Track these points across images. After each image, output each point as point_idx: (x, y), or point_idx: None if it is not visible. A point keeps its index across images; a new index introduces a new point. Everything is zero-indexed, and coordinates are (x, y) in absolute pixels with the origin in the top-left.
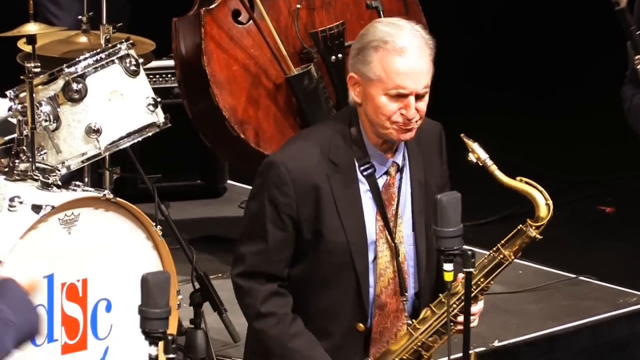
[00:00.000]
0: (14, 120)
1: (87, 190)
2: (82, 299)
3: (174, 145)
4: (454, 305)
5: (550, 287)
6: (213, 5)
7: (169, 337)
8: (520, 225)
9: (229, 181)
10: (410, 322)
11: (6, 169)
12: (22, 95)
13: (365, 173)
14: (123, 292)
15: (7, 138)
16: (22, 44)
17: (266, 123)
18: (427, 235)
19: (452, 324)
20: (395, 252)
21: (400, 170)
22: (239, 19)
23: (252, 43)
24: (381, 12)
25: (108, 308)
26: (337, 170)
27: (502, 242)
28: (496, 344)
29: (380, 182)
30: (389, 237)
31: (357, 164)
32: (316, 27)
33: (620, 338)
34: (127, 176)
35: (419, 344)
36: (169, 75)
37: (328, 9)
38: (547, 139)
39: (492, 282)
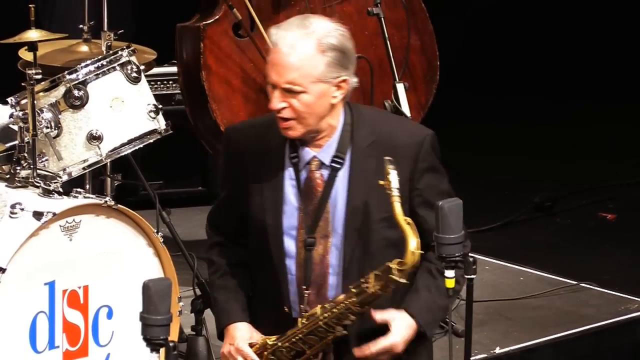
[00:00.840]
0: (16, 127)
1: (88, 197)
2: (83, 305)
3: (175, 152)
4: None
5: (551, 294)
6: (213, 20)
7: (170, 344)
8: (389, 264)
9: None
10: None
11: (7, 176)
12: (23, 102)
13: (293, 161)
14: (124, 298)
15: (8, 145)
16: (23, 52)
17: None
18: (364, 239)
19: (330, 333)
20: (306, 246)
21: (333, 169)
22: (240, 32)
23: (253, 56)
24: (382, 19)
25: (109, 315)
26: (269, 151)
27: (374, 273)
28: (497, 350)
29: (303, 174)
30: (304, 230)
31: (287, 151)
32: None
33: (621, 345)
34: (129, 183)
35: (300, 336)
36: (171, 82)
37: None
38: (548, 146)
39: (365, 309)
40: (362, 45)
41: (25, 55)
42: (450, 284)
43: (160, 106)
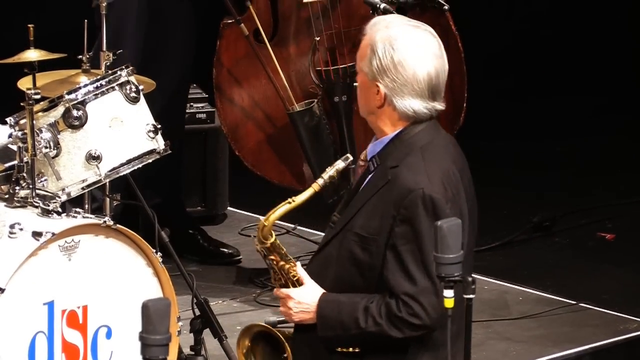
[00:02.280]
0: (14, 147)
1: (87, 217)
2: (82, 325)
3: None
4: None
5: (550, 313)
6: (231, 20)
7: None
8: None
9: (229, 208)
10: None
11: (6, 196)
12: (22, 122)
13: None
14: (123, 318)
15: (7, 165)
16: (22, 83)
17: (265, 146)
18: (339, 242)
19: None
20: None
21: (368, 167)
22: (259, 37)
23: (267, 62)
24: None
25: (108, 335)
26: None
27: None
28: None
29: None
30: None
31: None
32: (329, 65)
33: None
34: (128, 203)
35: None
36: None
37: (343, 49)
38: (548, 164)
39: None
40: None
41: (24, 83)
42: (449, 303)
43: (159, 126)
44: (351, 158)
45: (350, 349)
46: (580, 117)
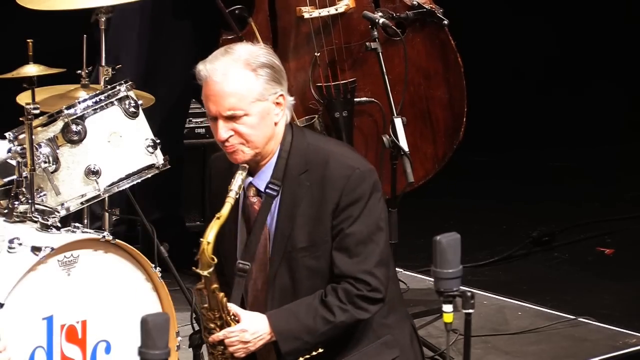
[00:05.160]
0: (14, 162)
1: (86, 232)
2: (81, 340)
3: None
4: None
5: (549, 328)
6: (233, 36)
7: None
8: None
9: None
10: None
11: (5, 211)
12: (21, 136)
13: (244, 186)
14: (122, 333)
15: (6, 180)
16: (21, 98)
17: None
18: (289, 267)
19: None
20: (237, 271)
21: (268, 195)
22: None
23: None
24: (380, 54)
25: (107, 349)
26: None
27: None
28: None
29: (246, 200)
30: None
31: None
32: (330, 80)
33: None
34: (126, 217)
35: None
36: None
37: (343, 65)
38: (545, 180)
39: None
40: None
41: (23, 98)
42: (448, 318)
43: (158, 141)
44: (247, 167)
45: (314, 353)
46: (580, 131)
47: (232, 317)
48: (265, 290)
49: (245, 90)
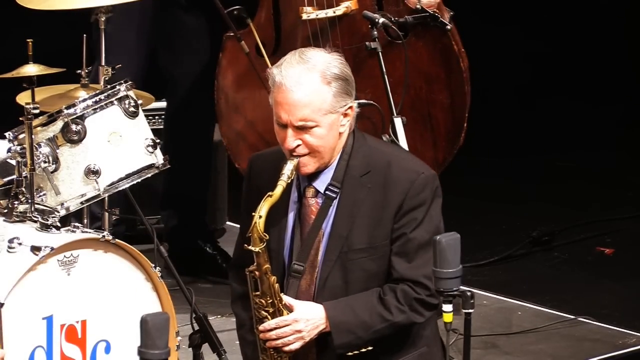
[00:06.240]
0: (13, 162)
1: (86, 232)
2: (81, 340)
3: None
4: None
5: (549, 328)
6: (231, 34)
7: None
8: None
9: (228, 222)
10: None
11: (5, 210)
12: (21, 136)
13: (297, 187)
14: (122, 333)
15: (6, 179)
16: (21, 98)
17: None
18: (342, 269)
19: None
20: (291, 272)
21: (327, 197)
22: (261, 52)
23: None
24: (380, 54)
25: (107, 349)
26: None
27: None
28: None
29: (304, 201)
30: (292, 255)
31: (296, 178)
32: None
33: None
34: (126, 217)
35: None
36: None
37: None
38: (546, 181)
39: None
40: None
41: (23, 98)
42: (447, 318)
43: (158, 140)
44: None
45: (363, 350)
46: (580, 132)
47: (285, 306)
48: (310, 291)
49: (319, 102)
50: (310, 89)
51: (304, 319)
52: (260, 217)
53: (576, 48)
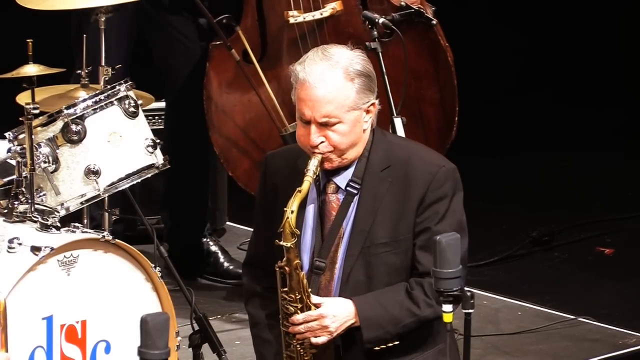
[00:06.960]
0: (13, 162)
1: (86, 232)
2: (81, 340)
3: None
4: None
5: (549, 328)
6: (219, 42)
7: None
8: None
9: (228, 222)
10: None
11: (5, 211)
12: (21, 136)
13: (316, 183)
14: (122, 333)
15: (6, 180)
16: (21, 98)
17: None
18: (365, 264)
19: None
20: (313, 269)
21: (348, 193)
22: (248, 58)
23: (256, 83)
24: (380, 54)
25: (107, 349)
26: (299, 174)
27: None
28: None
29: (324, 197)
30: (315, 253)
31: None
32: None
33: None
34: (126, 217)
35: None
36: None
37: None
38: (547, 179)
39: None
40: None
41: (23, 98)
42: (448, 318)
43: (158, 141)
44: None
45: (390, 344)
46: (579, 132)
47: (313, 302)
48: (330, 287)
49: (342, 98)
50: (334, 86)
51: (331, 314)
52: (292, 212)
53: (576, 48)
